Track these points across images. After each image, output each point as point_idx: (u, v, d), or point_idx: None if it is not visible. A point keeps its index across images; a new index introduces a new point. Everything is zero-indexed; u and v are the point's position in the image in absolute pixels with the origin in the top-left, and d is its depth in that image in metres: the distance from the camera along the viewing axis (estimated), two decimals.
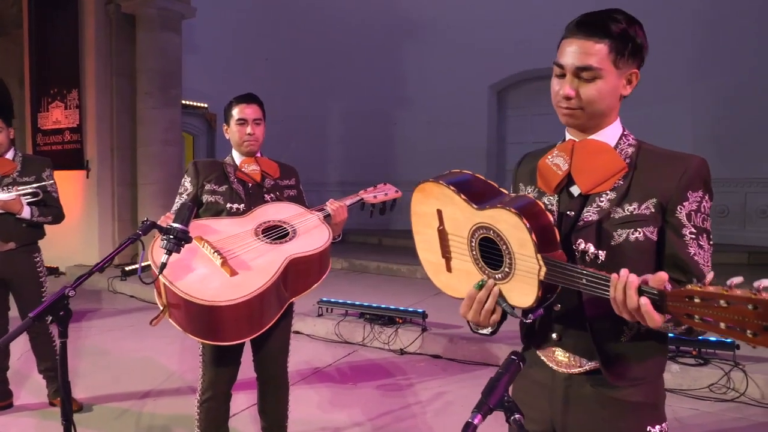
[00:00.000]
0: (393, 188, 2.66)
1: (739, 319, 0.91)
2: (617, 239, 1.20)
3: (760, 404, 3.49)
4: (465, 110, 10.08)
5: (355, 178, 10.47)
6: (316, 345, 4.77)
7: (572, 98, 1.20)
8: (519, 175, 1.45)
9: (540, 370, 1.31)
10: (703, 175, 1.19)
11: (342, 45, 10.56)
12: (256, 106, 2.49)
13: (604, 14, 1.19)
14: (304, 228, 2.23)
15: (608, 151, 1.24)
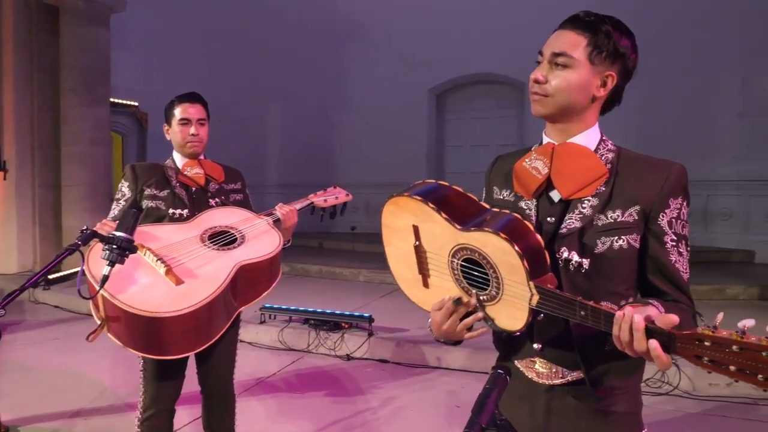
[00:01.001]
0: (343, 192, 2.60)
1: (752, 364, 0.90)
2: (601, 247, 1.17)
3: (691, 396, 3.68)
4: (405, 114, 10.13)
5: (295, 181, 10.30)
6: (259, 354, 4.62)
7: (541, 83, 1.20)
8: (492, 177, 1.40)
9: (519, 381, 1.27)
10: (683, 182, 1.20)
11: (283, 46, 10.38)
12: (200, 105, 2.37)
13: (591, 12, 1.21)
14: (252, 233, 2.13)
15: (589, 155, 1.22)
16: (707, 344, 0.93)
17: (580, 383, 1.20)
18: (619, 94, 1.27)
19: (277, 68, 10.46)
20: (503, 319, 1.15)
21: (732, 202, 8.04)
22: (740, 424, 3.33)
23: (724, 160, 8.06)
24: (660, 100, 8.33)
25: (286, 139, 10.86)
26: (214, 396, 2.35)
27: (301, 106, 10.50)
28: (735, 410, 3.49)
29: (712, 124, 8.11)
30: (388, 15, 9.89)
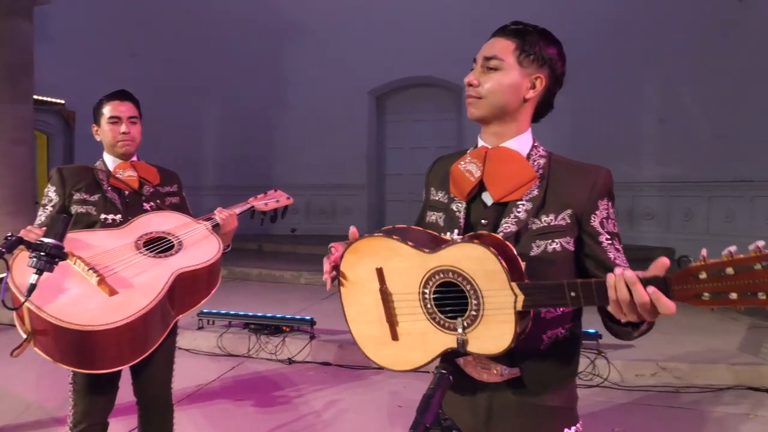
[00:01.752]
0: (284, 195, 2.55)
1: (750, 283, 0.89)
2: (536, 250, 1.21)
3: (620, 387, 3.87)
4: (345, 115, 10.12)
5: (233, 182, 10.08)
6: (198, 361, 4.49)
7: (474, 85, 1.26)
8: (431, 179, 1.43)
9: (460, 381, 1.27)
10: (609, 185, 1.27)
11: (219, 45, 10.11)
12: (131, 103, 2.27)
13: (524, 23, 1.29)
14: (191, 239, 2.05)
15: (519, 160, 1.26)
16: (703, 277, 0.92)
17: (519, 380, 1.24)
18: (551, 99, 1.33)
19: (213, 67, 10.18)
20: (487, 342, 1.10)
21: (654, 203, 8.52)
22: (664, 411, 3.53)
23: (647, 163, 8.54)
24: (589, 106, 8.72)
25: (223, 139, 10.59)
26: (151, 407, 2.27)
27: (239, 105, 10.27)
28: (659, 399, 3.71)
29: (637, 129, 8.57)
30: (328, 16, 9.85)
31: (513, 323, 1.07)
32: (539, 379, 1.24)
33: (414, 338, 1.18)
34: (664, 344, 4.38)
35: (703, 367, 3.94)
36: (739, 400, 3.65)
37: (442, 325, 1.15)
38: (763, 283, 0.88)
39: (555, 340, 1.24)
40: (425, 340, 1.17)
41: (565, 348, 1.27)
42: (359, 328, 1.27)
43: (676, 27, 7.93)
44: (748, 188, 7.49)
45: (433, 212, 1.37)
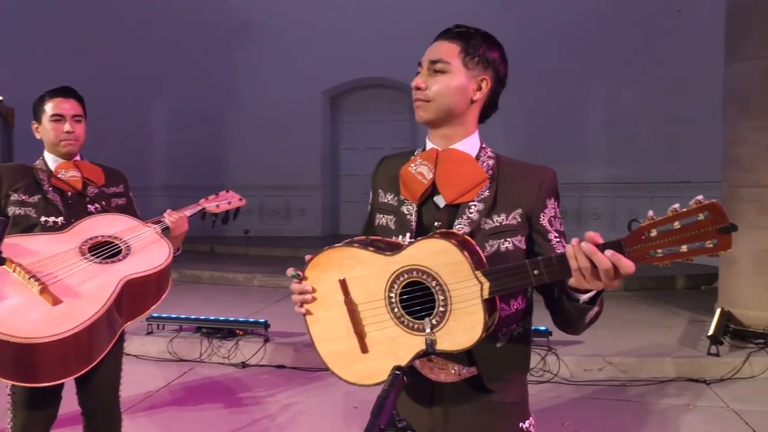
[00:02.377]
0: (237, 196, 2.49)
1: (696, 234, 0.94)
2: (489, 250, 1.23)
3: (570, 382, 3.99)
4: (299, 115, 10.03)
5: (184, 182, 9.83)
6: (147, 366, 4.36)
7: (422, 89, 1.27)
8: (378, 180, 1.43)
9: (417, 382, 1.28)
10: (555, 185, 1.32)
11: (169, 41, 9.83)
12: (75, 101, 2.18)
13: (466, 26, 1.31)
14: (139, 244, 1.97)
15: (470, 162, 1.28)
16: (653, 234, 0.98)
17: (475, 378, 1.26)
18: (495, 100, 1.35)
19: (163, 63, 9.90)
20: (458, 336, 1.10)
21: (601, 203, 8.83)
22: (611, 404, 3.66)
23: (594, 165, 8.83)
24: (539, 109, 8.96)
25: (173, 138, 10.29)
26: (97, 417, 2.18)
27: (190, 103, 10.00)
28: (607, 392, 3.84)
29: (583, 132, 8.85)
30: (280, 15, 9.74)
31: (482, 312, 1.08)
32: (497, 376, 1.27)
33: (384, 347, 1.15)
34: (611, 339, 4.55)
35: (647, 360, 4.10)
36: (680, 391, 3.82)
37: (411, 327, 1.14)
38: (708, 231, 0.94)
39: (510, 336, 1.27)
40: (396, 347, 1.14)
41: (519, 344, 1.30)
42: (326, 346, 1.23)
43: (620, 34, 8.23)
44: (687, 189, 7.85)
45: (383, 215, 1.37)
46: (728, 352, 4.24)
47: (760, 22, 4.73)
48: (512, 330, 1.28)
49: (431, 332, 1.10)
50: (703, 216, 0.95)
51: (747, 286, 4.91)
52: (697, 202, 0.96)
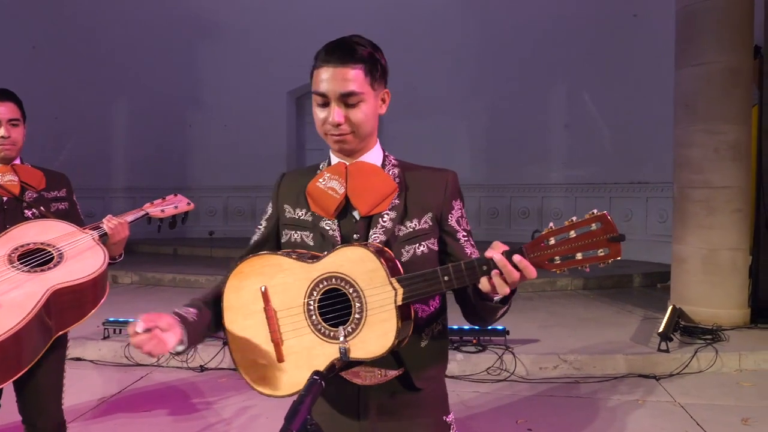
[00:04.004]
0: (185, 200, 2.44)
1: (590, 242, 1.03)
2: (406, 256, 1.26)
3: (526, 380, 4.06)
4: (263, 115, 9.97)
5: (146, 184, 9.66)
6: (102, 372, 4.28)
7: (342, 124, 1.23)
8: (282, 195, 1.39)
9: (342, 387, 1.27)
10: (458, 186, 1.35)
11: (129, 39, 9.65)
12: (12, 104, 2.12)
13: (349, 40, 1.25)
14: (74, 251, 1.90)
15: (380, 173, 1.29)
16: (552, 242, 1.05)
17: (401, 378, 1.27)
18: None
19: (122, 61, 9.69)
20: (371, 344, 1.11)
21: (561, 204, 9.01)
22: (565, 401, 3.74)
23: (554, 166, 9.01)
24: (502, 111, 9.10)
25: (135, 138, 10.09)
26: (39, 427, 2.12)
27: (151, 103, 9.83)
28: (561, 390, 3.93)
29: (545, 134, 9.03)
30: (244, 14, 9.67)
31: (395, 319, 1.10)
32: (424, 375, 1.29)
33: (300, 355, 1.15)
34: (566, 338, 4.66)
35: (600, 357, 4.21)
36: (631, 387, 3.93)
37: (326, 335, 1.14)
38: (599, 241, 1.03)
39: (432, 334, 1.31)
40: (311, 355, 1.14)
41: (440, 341, 1.34)
42: (243, 356, 1.21)
43: (579, 37, 8.42)
44: (644, 190, 8.08)
45: (295, 231, 1.34)
46: (678, 348, 4.38)
47: (706, 29, 4.91)
48: (433, 328, 1.32)
49: (345, 340, 1.11)
50: (595, 226, 1.03)
51: (696, 283, 5.09)
52: (591, 213, 1.04)
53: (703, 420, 3.37)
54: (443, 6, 9.00)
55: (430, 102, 9.25)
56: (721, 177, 4.94)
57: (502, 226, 9.34)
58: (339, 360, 1.13)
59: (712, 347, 4.34)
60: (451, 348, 4.30)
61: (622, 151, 8.22)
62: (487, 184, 9.40)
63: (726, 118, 4.90)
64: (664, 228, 7.52)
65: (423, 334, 1.29)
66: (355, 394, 1.29)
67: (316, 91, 1.24)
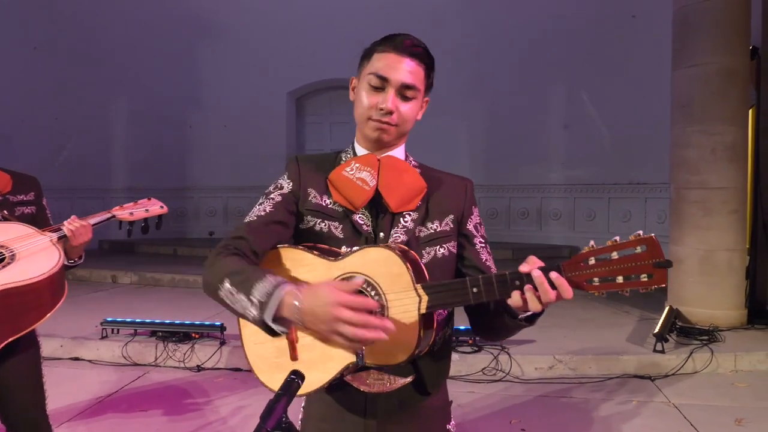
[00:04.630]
0: (158, 203, 2.38)
1: (633, 266, 0.97)
2: (426, 257, 1.23)
3: (521, 381, 4.07)
4: (263, 116, 9.99)
5: (146, 184, 9.67)
6: (100, 371, 4.30)
7: (394, 113, 1.21)
8: (305, 178, 1.29)
9: (349, 395, 1.23)
10: (474, 194, 1.36)
11: (129, 39, 9.68)
12: None
13: (417, 39, 1.25)
14: (27, 252, 1.88)
15: (410, 170, 1.28)
16: (592, 262, 0.99)
17: (409, 386, 1.22)
18: None
19: (122, 62, 9.71)
20: (391, 351, 1.07)
21: (560, 204, 9.02)
22: (559, 401, 3.75)
23: (553, 167, 9.02)
24: (501, 112, 9.10)
25: (135, 139, 10.12)
26: (20, 430, 2.08)
27: (151, 103, 9.86)
28: (556, 390, 3.93)
29: (543, 134, 9.03)
30: (244, 15, 9.69)
31: (417, 327, 1.05)
32: (436, 381, 1.27)
33: (315, 355, 1.10)
34: (562, 338, 4.66)
35: (596, 358, 4.22)
36: (625, 388, 3.94)
37: None
38: (644, 265, 0.97)
39: (443, 339, 1.28)
40: (326, 357, 1.09)
41: (447, 346, 1.32)
42: (255, 349, 1.18)
43: (578, 38, 8.42)
44: (642, 190, 8.08)
45: (323, 219, 1.25)
46: (673, 348, 4.38)
47: (702, 30, 4.92)
48: (444, 332, 1.28)
49: None
50: (640, 249, 0.97)
51: (693, 284, 5.09)
52: (636, 235, 0.99)
53: (696, 421, 3.38)
54: (442, 6, 9.01)
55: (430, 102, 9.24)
56: (718, 178, 4.94)
57: (501, 227, 9.35)
58: (354, 364, 1.08)
59: (708, 348, 4.34)
60: None
61: (621, 151, 8.23)
62: (486, 185, 9.40)
63: (723, 119, 4.90)
64: (662, 229, 7.50)
65: (437, 339, 1.24)
66: (362, 401, 1.24)
67: (376, 73, 1.21)
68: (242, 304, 1.05)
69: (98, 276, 7.40)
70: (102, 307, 5.68)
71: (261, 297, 1.02)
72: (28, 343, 2.04)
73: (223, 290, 1.09)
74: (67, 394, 3.77)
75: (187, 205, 10.17)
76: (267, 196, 1.28)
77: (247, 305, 1.04)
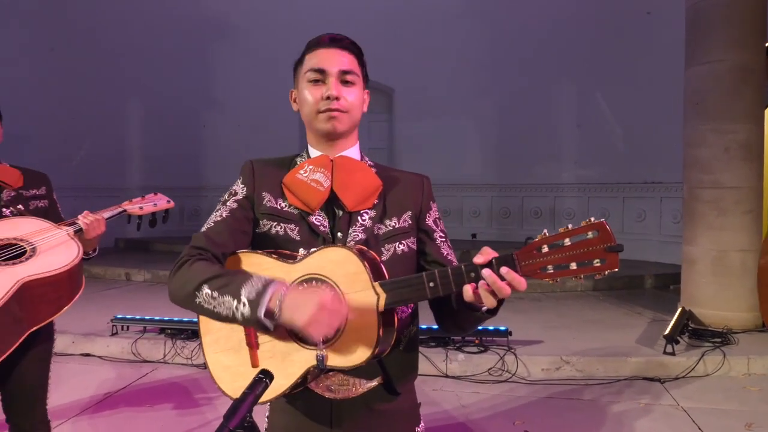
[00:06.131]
0: (164, 198, 2.45)
1: (585, 251, 0.96)
2: (386, 254, 1.23)
3: (527, 382, 4.04)
4: (277, 115, 9.96)
5: (159, 183, 9.77)
6: (110, 367, 4.36)
7: (341, 98, 1.22)
8: (259, 181, 1.29)
9: (313, 403, 1.22)
10: (431, 190, 1.36)
11: (143, 39, 9.79)
12: None
13: (343, 35, 1.29)
14: (46, 245, 1.93)
15: (365, 168, 1.28)
16: (545, 250, 0.99)
17: (375, 390, 1.21)
18: None
19: (137, 62, 9.83)
20: (352, 352, 1.05)
21: (574, 204, 8.92)
22: (566, 403, 3.71)
23: (567, 166, 8.92)
24: (512, 112, 9.03)
25: (149, 137, 10.23)
26: (21, 425, 2.12)
27: (165, 102, 9.95)
28: (563, 392, 3.89)
29: (556, 133, 8.94)
30: (257, 14, 9.74)
31: (376, 327, 1.04)
32: (404, 381, 1.26)
33: (275, 361, 1.09)
34: (570, 339, 4.61)
35: (604, 360, 4.16)
36: (634, 390, 3.88)
37: (305, 341, 1.08)
38: (596, 250, 0.97)
39: (409, 338, 1.27)
40: (286, 362, 1.08)
41: (414, 345, 1.30)
42: (215, 358, 1.16)
43: (591, 35, 8.32)
44: (657, 189, 7.96)
45: (278, 223, 1.25)
46: (685, 351, 4.31)
47: (715, 27, 4.82)
48: (410, 331, 1.28)
49: (323, 347, 1.05)
50: (591, 234, 0.97)
51: (706, 285, 5.00)
52: (588, 221, 0.99)
53: (705, 425, 3.32)
54: (452, 5, 8.96)
55: (439, 102, 9.23)
56: (732, 177, 4.84)
57: (514, 226, 9.28)
58: (315, 367, 1.07)
59: (720, 350, 4.26)
60: (453, 348, 4.30)
61: (636, 150, 8.11)
62: (498, 184, 9.34)
63: (736, 117, 4.80)
64: (678, 228, 7.38)
65: (402, 338, 1.24)
66: (327, 409, 1.23)
67: (313, 68, 1.24)
68: (228, 305, 1.06)
69: (112, 273, 7.51)
70: (114, 304, 5.76)
71: (250, 295, 1.03)
72: (45, 337, 2.10)
73: (201, 296, 1.09)
74: (76, 389, 3.83)
75: (201, 204, 10.26)
76: (223, 204, 1.29)
77: (235, 305, 1.04)
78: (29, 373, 2.09)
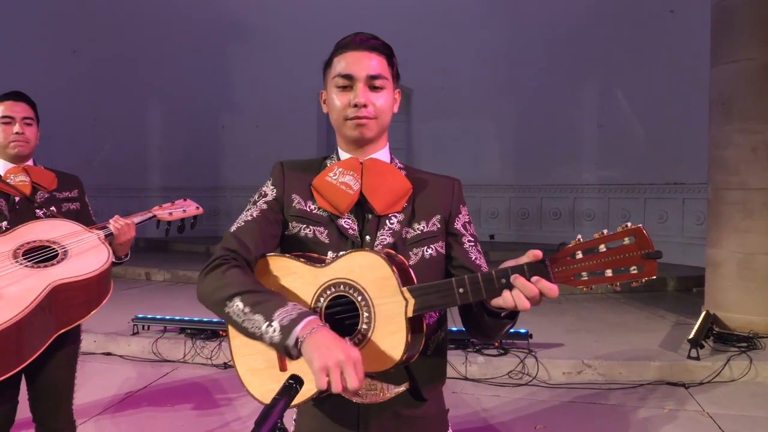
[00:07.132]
0: (193, 204, 2.46)
1: (622, 258, 0.93)
2: (414, 258, 1.21)
3: (548, 385, 3.99)
4: (295, 116, 10.07)
5: (180, 184, 9.89)
6: (130, 366, 4.41)
7: (368, 105, 1.20)
8: (289, 183, 1.28)
9: (341, 408, 1.20)
10: (462, 193, 1.33)
11: (164, 42, 9.91)
12: (25, 104, 2.19)
13: (368, 33, 1.25)
14: (78, 249, 1.94)
15: (395, 171, 1.25)
16: (579, 256, 0.96)
17: (402, 395, 1.17)
18: None
19: (157, 64, 9.96)
20: (379, 357, 1.04)
21: (594, 204, 8.81)
22: (587, 407, 3.66)
23: (587, 166, 8.82)
24: (531, 111, 8.96)
25: (169, 139, 10.35)
26: (48, 425, 2.14)
27: (185, 104, 10.07)
28: (584, 396, 3.83)
29: (577, 134, 8.84)
30: (276, 17, 9.79)
31: (404, 332, 1.03)
32: (431, 387, 1.23)
33: (304, 366, 1.04)
34: (591, 343, 4.55)
35: (627, 364, 4.10)
36: (658, 395, 3.81)
37: None
38: (633, 257, 0.93)
39: (437, 344, 1.25)
40: None
41: (442, 350, 1.28)
42: (244, 361, 1.15)
43: (612, 34, 8.21)
44: (680, 191, 7.82)
45: (307, 225, 1.24)
46: (709, 355, 4.22)
47: (742, 25, 4.72)
48: (437, 337, 1.25)
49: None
50: (628, 240, 0.93)
51: (731, 289, 4.90)
52: (624, 226, 0.96)
53: (730, 431, 3.25)
54: (472, 4, 8.91)
55: (458, 102, 9.19)
56: (759, 178, 4.73)
57: (533, 228, 9.20)
58: None
59: (746, 355, 4.17)
60: (473, 350, 4.26)
61: (658, 151, 7.98)
62: (517, 185, 9.27)
63: (764, 117, 4.69)
64: (701, 230, 7.26)
65: (430, 343, 1.22)
66: (355, 413, 1.21)
67: (340, 73, 1.21)
68: (257, 324, 1.04)
69: (133, 273, 7.59)
70: (134, 304, 5.81)
71: (283, 321, 1.02)
72: (73, 339, 2.12)
73: (232, 307, 1.08)
74: (98, 388, 3.87)
75: (219, 205, 10.33)
76: (253, 204, 1.29)
77: (264, 327, 1.03)
78: (57, 374, 2.11)
